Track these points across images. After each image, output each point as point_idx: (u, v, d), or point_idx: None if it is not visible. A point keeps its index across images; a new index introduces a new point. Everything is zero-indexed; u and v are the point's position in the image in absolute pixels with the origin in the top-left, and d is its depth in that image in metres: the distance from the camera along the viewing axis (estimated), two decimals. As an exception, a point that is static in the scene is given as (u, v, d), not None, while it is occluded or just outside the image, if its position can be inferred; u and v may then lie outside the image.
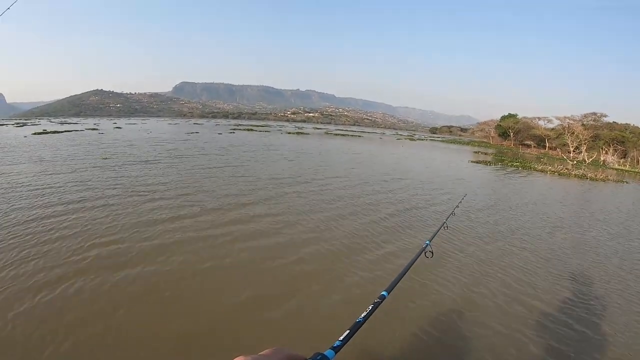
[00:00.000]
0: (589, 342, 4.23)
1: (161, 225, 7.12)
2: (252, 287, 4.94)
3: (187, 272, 5.28)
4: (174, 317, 4.15)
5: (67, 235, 6.34)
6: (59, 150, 18.60)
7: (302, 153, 23.91)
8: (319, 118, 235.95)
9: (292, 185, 12.31)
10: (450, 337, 4.13)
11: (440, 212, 10.08)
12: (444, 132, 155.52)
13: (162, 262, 5.53)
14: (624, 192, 19.02)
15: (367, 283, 5.29)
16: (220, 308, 4.40)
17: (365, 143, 42.97)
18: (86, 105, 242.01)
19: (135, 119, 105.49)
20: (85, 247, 5.86)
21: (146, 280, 4.95)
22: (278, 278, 5.31)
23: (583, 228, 9.80)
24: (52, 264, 5.23)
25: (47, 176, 11.47)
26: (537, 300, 5.14)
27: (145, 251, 5.88)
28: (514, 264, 6.45)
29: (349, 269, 5.76)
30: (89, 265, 5.31)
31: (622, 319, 4.81)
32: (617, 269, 6.69)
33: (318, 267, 5.77)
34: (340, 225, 8.02)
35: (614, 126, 49.09)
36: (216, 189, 10.87)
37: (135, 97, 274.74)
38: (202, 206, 8.67)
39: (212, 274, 5.28)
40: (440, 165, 24.06)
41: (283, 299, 4.71)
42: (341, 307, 4.58)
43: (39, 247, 5.79)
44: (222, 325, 4.05)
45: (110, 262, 5.41)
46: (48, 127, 40.58)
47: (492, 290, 5.35)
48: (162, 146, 22.38)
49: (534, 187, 17.50)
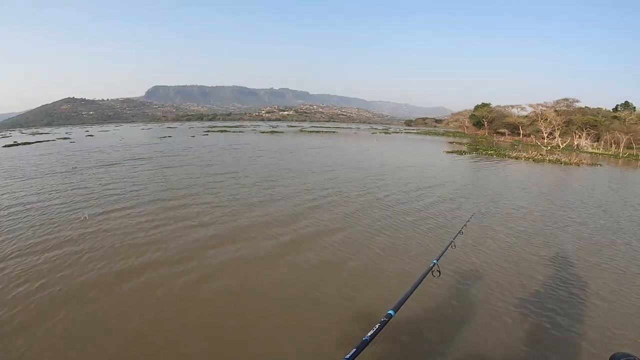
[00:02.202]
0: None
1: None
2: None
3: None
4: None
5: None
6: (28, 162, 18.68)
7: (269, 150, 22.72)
8: (293, 116, 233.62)
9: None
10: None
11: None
12: (419, 124, 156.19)
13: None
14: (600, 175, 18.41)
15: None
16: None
17: (333, 138, 41.94)
18: (58, 114, 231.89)
19: (108, 125, 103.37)
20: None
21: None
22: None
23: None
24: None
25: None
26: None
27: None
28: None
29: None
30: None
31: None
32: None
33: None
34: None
35: (586, 111, 49.57)
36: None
37: (107, 103, 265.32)
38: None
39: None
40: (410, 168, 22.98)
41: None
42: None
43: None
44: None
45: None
46: (19, 138, 40.86)
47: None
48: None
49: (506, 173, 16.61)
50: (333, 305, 4.67)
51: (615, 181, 17.12)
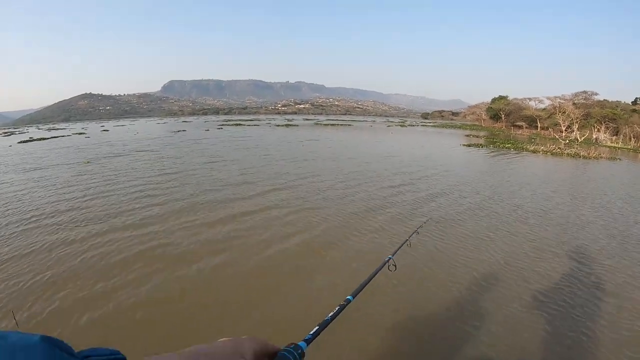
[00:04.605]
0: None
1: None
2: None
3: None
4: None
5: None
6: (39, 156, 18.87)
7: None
8: (309, 109, 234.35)
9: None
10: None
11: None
12: (436, 117, 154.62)
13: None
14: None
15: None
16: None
17: (347, 131, 42.32)
18: (75, 109, 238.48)
19: (125, 120, 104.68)
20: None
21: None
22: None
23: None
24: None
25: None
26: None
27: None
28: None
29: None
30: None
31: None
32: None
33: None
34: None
35: (605, 104, 48.70)
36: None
37: (124, 98, 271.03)
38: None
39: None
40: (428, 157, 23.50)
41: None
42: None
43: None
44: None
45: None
46: (35, 134, 41.12)
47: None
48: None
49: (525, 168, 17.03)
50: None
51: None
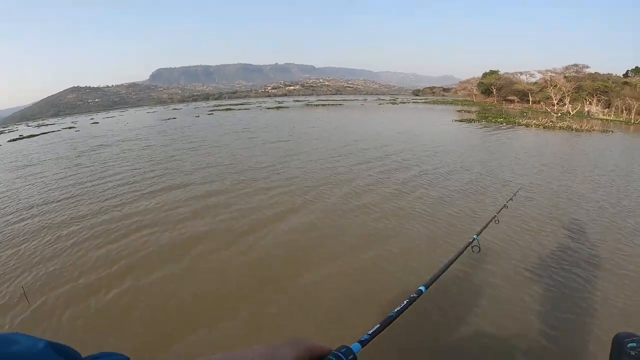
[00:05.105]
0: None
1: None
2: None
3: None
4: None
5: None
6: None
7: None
8: (300, 90, 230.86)
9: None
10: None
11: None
12: (427, 94, 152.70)
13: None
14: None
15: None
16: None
17: (338, 111, 41.88)
18: (64, 104, 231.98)
19: (114, 111, 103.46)
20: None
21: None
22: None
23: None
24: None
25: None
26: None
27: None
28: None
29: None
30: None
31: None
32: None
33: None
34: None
35: (596, 77, 48.16)
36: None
37: (112, 89, 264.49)
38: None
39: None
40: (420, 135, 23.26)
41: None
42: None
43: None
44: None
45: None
46: (25, 131, 40.57)
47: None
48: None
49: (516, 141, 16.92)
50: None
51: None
